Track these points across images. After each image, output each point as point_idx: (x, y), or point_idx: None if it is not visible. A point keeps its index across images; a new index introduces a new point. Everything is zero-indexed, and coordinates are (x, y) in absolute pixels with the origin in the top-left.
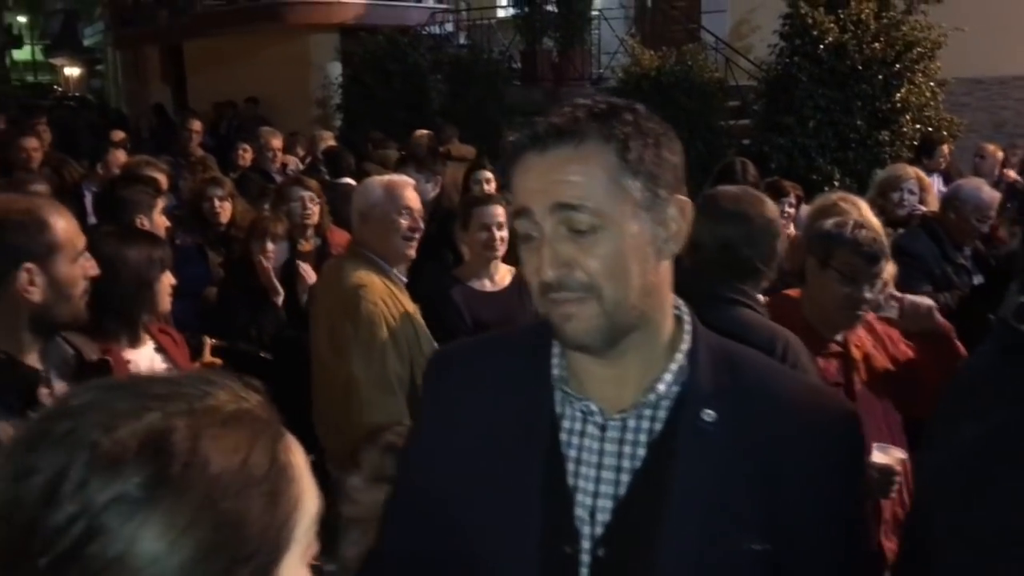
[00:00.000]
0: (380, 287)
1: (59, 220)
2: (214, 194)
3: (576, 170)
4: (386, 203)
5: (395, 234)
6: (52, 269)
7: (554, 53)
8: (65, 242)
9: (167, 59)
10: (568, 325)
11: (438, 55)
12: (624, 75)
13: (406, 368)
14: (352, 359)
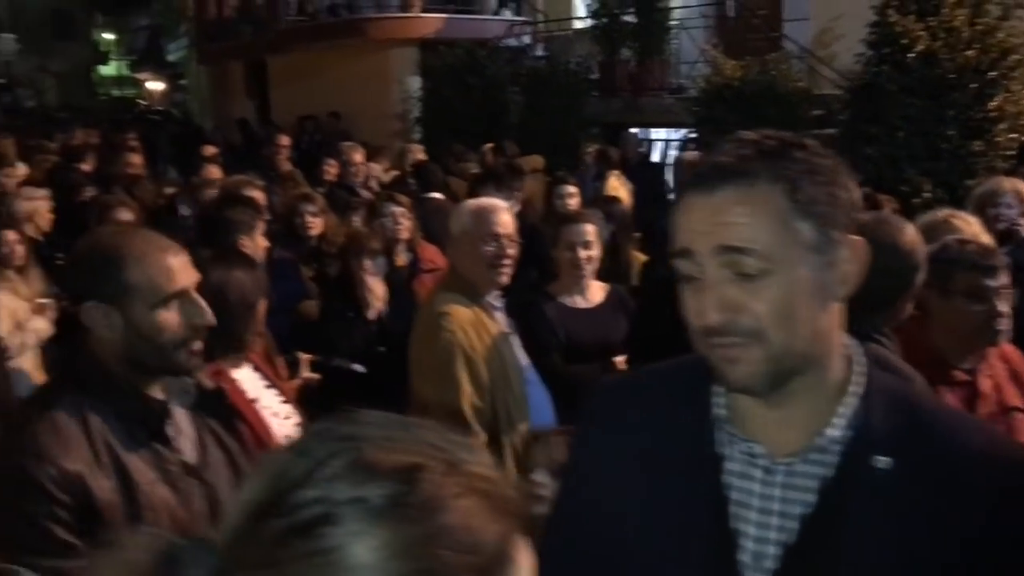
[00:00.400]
0: (464, 315)
1: (142, 263)
2: (306, 210)
3: (743, 212)
4: (473, 229)
5: (482, 262)
6: (127, 312)
7: (632, 63)
8: (143, 286)
9: (251, 74)
10: (732, 369)
11: (515, 67)
12: (705, 85)
13: (485, 399)
14: (427, 386)
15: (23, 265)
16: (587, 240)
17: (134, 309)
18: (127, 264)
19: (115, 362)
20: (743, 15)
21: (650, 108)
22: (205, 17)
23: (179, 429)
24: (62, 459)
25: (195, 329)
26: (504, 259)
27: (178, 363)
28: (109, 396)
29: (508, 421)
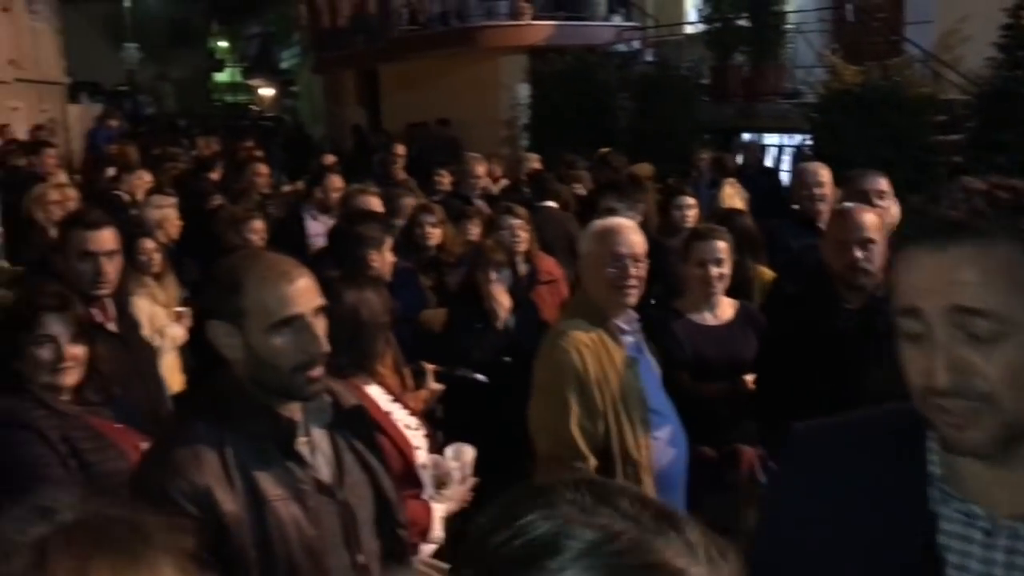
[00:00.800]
0: (582, 337)
1: (259, 288)
2: (426, 220)
3: (979, 272)
4: (597, 251)
5: (605, 284)
6: (245, 333)
7: (746, 68)
8: (258, 310)
9: (362, 82)
10: (958, 434)
11: (625, 73)
12: (825, 91)
13: (597, 424)
14: (538, 405)
15: (160, 272)
16: (719, 257)
17: (251, 331)
18: (246, 287)
19: (246, 381)
20: (862, 18)
21: (764, 113)
22: (319, 27)
23: (315, 448)
24: (193, 474)
25: (310, 355)
26: (629, 281)
27: (295, 386)
28: (241, 414)
29: (622, 449)
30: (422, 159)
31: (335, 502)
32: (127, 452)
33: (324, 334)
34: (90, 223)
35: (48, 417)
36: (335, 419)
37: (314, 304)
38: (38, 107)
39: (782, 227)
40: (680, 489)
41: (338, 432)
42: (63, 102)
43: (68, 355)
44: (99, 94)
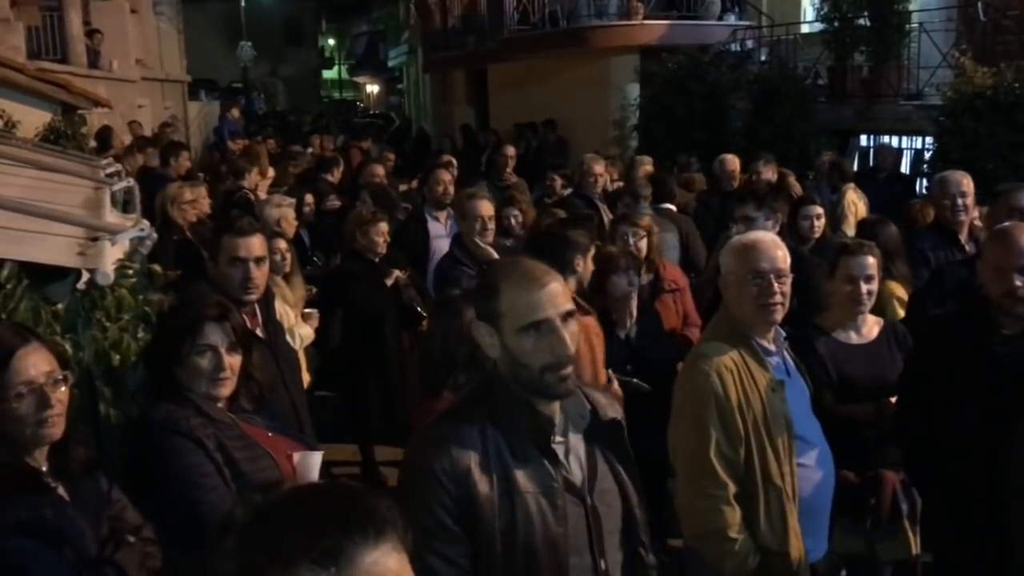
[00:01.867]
0: (724, 360)
1: (512, 293)
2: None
3: None
4: (738, 268)
5: (748, 302)
6: (501, 334)
7: (865, 68)
8: (509, 313)
9: (472, 81)
10: None
11: (739, 73)
12: (953, 93)
13: (736, 450)
14: (679, 429)
15: (290, 272)
16: (870, 274)
17: (505, 332)
18: (502, 292)
19: (507, 378)
20: (993, 17)
21: (884, 115)
22: (430, 27)
23: (570, 450)
24: (457, 454)
25: (557, 357)
26: (774, 298)
27: (545, 385)
28: (503, 406)
29: (764, 475)
30: (529, 160)
31: (583, 505)
32: (280, 462)
33: (573, 337)
34: (241, 230)
35: (205, 425)
36: (591, 428)
37: (563, 309)
38: (162, 104)
39: (921, 238)
40: (825, 516)
41: (594, 440)
42: (184, 99)
43: (227, 364)
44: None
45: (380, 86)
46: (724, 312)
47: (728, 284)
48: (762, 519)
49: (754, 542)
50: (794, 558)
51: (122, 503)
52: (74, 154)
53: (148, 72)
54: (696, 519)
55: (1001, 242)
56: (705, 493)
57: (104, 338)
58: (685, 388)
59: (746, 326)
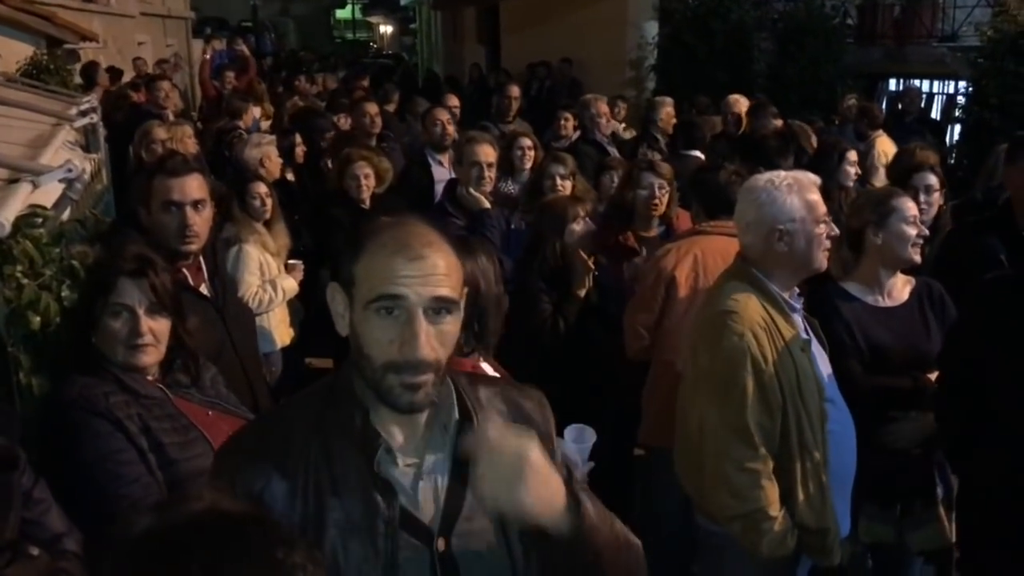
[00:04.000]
0: (756, 315)
1: (373, 253)
2: (556, 172)
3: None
4: (768, 211)
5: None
6: (352, 308)
7: (896, 8)
8: (361, 279)
9: (483, 19)
10: None
11: (764, 11)
12: (994, 33)
13: (773, 418)
14: (706, 397)
15: (271, 218)
16: (914, 216)
17: (355, 305)
18: (363, 250)
19: (356, 372)
20: None
21: (916, 57)
22: None
23: (424, 476)
24: (249, 475)
25: (403, 356)
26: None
27: (384, 389)
28: (336, 411)
29: (800, 444)
30: (542, 101)
31: (428, 550)
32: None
33: (436, 339)
34: (173, 169)
35: (128, 403)
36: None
37: (431, 293)
38: (164, 42)
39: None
40: (850, 486)
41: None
42: (188, 37)
43: (145, 328)
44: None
45: (394, 26)
46: (743, 263)
47: (753, 229)
48: (799, 493)
49: (791, 519)
50: (831, 535)
51: (45, 505)
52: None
53: (148, 7)
54: (732, 496)
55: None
56: (743, 467)
57: (18, 298)
58: (714, 349)
59: (772, 278)
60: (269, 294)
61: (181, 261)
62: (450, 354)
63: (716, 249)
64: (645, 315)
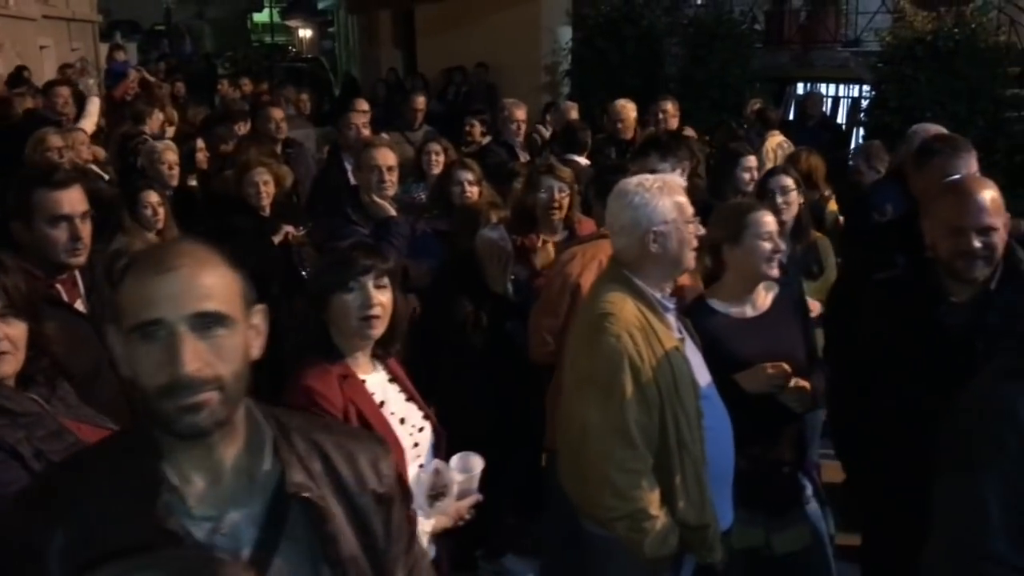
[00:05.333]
0: (632, 317)
1: (132, 279)
2: (464, 178)
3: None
4: (642, 214)
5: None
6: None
7: (803, 13)
8: (124, 308)
9: (398, 23)
10: None
11: (675, 16)
12: (892, 39)
13: (652, 417)
14: (587, 400)
15: (164, 228)
16: (770, 231)
17: (121, 335)
18: (125, 279)
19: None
20: None
21: (821, 62)
22: None
23: (226, 529)
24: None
25: (172, 376)
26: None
27: (163, 416)
28: (124, 453)
29: (679, 442)
30: (458, 105)
31: None
32: None
33: (211, 353)
34: (59, 182)
35: (12, 427)
36: (278, 497)
37: (191, 309)
38: (68, 46)
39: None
40: (730, 484)
41: (283, 524)
42: (95, 41)
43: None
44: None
45: (313, 30)
46: (616, 266)
47: (627, 231)
48: (679, 491)
49: (673, 518)
50: (711, 531)
51: None
52: None
53: (51, 10)
54: (615, 497)
55: (958, 197)
56: (624, 468)
57: None
58: (592, 352)
59: (647, 279)
60: None
61: (59, 276)
62: (240, 369)
63: None
64: (550, 320)
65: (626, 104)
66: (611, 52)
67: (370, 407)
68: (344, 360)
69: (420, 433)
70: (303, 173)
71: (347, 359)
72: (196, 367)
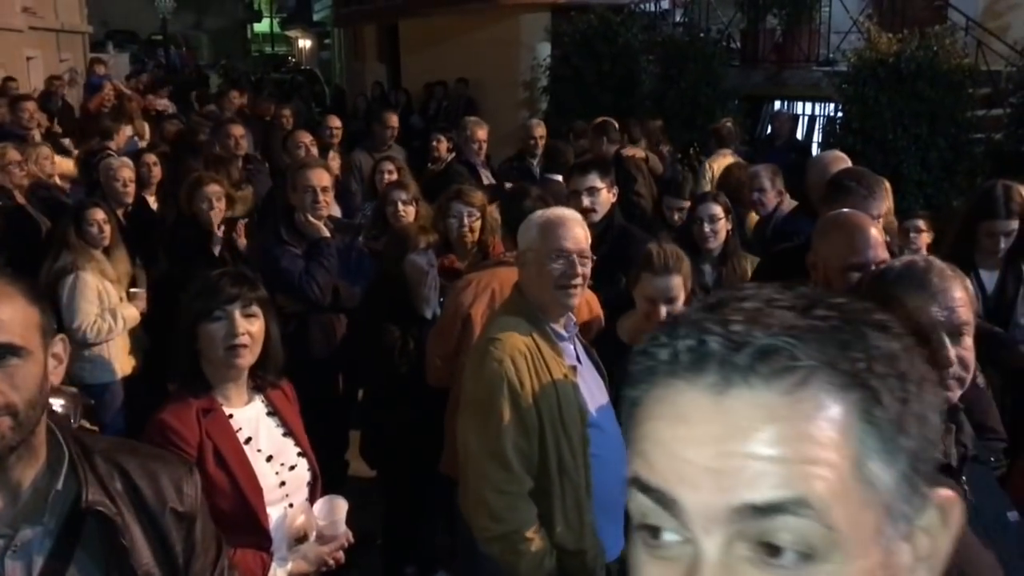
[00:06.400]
0: (519, 343)
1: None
2: (398, 197)
3: (789, 437)
4: (540, 245)
5: (548, 282)
6: None
7: (778, 32)
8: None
9: (383, 38)
10: None
11: (651, 35)
12: (857, 60)
13: (531, 441)
14: (468, 422)
15: (110, 245)
16: (672, 296)
17: None
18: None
19: None
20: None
21: (795, 81)
22: None
23: (18, 550)
24: None
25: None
26: (574, 279)
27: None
28: None
29: (560, 468)
30: (439, 119)
31: None
32: None
33: (3, 382)
34: None
35: None
36: (70, 520)
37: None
38: (57, 57)
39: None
40: (620, 510)
41: (77, 538)
42: (85, 52)
43: None
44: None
45: (312, 40)
46: (518, 294)
47: (527, 261)
48: (558, 516)
49: (550, 541)
50: (590, 557)
51: None
52: None
53: (38, 21)
54: (490, 518)
55: (842, 233)
56: (499, 489)
57: None
58: (476, 375)
59: (541, 308)
60: (108, 323)
61: None
62: (35, 396)
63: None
64: (441, 345)
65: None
66: (587, 70)
67: (229, 443)
68: (211, 392)
69: (290, 472)
70: (262, 190)
71: (215, 390)
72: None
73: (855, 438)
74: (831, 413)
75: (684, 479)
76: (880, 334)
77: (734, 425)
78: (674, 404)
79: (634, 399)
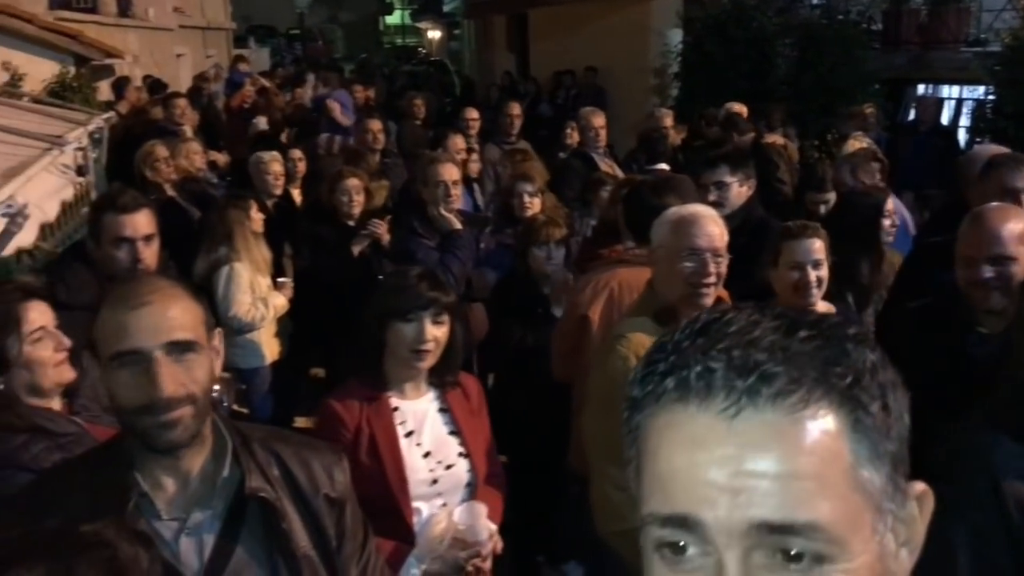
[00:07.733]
0: (644, 342)
1: (107, 312)
2: (524, 190)
3: (796, 454)
4: (672, 242)
5: (679, 281)
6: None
7: (923, 12)
8: (101, 338)
9: (512, 27)
10: None
11: (786, 18)
12: (1012, 40)
13: None
14: (591, 417)
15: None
16: (817, 259)
17: (101, 362)
18: (101, 310)
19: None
20: None
21: (941, 63)
22: None
23: (189, 531)
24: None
25: (151, 397)
26: (707, 278)
27: (143, 431)
28: (104, 465)
29: None
30: (568, 108)
31: None
32: None
33: (184, 375)
34: (123, 207)
35: (51, 450)
36: (235, 504)
37: (164, 339)
38: (203, 53)
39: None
40: None
41: (242, 521)
42: (228, 47)
43: (65, 343)
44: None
45: (442, 31)
46: (649, 291)
47: (659, 259)
48: None
49: None
50: None
51: None
52: (77, 108)
53: (187, 20)
54: (612, 514)
55: (974, 227)
56: (619, 486)
57: None
58: (601, 371)
59: (674, 306)
60: (260, 311)
61: None
62: (208, 386)
63: (635, 282)
64: (560, 343)
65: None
66: (720, 55)
67: (385, 433)
68: (387, 382)
69: (446, 470)
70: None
71: (390, 383)
72: (172, 389)
73: (849, 449)
74: (830, 428)
75: (705, 500)
76: (858, 347)
77: (747, 446)
78: (688, 430)
79: (637, 424)
